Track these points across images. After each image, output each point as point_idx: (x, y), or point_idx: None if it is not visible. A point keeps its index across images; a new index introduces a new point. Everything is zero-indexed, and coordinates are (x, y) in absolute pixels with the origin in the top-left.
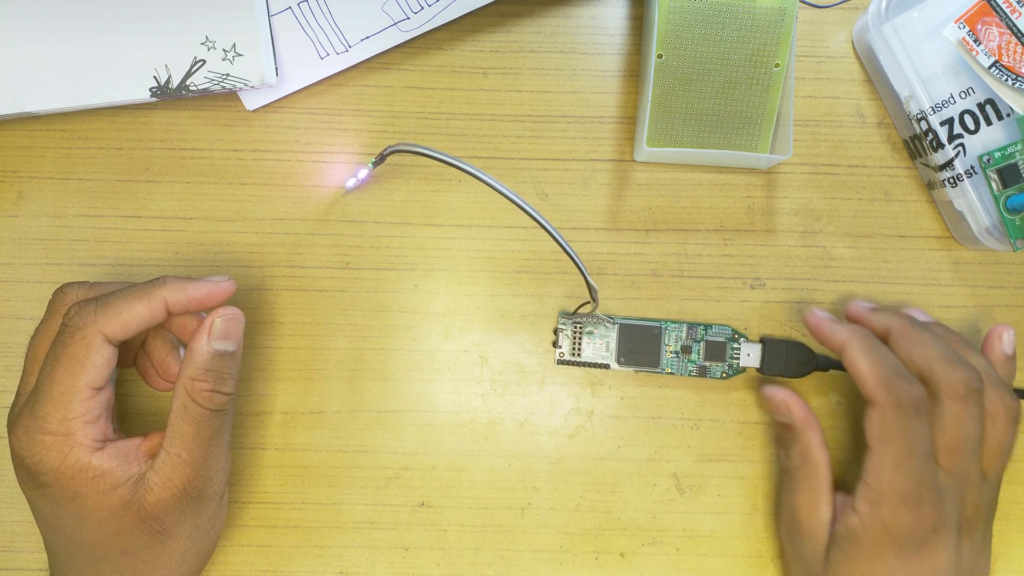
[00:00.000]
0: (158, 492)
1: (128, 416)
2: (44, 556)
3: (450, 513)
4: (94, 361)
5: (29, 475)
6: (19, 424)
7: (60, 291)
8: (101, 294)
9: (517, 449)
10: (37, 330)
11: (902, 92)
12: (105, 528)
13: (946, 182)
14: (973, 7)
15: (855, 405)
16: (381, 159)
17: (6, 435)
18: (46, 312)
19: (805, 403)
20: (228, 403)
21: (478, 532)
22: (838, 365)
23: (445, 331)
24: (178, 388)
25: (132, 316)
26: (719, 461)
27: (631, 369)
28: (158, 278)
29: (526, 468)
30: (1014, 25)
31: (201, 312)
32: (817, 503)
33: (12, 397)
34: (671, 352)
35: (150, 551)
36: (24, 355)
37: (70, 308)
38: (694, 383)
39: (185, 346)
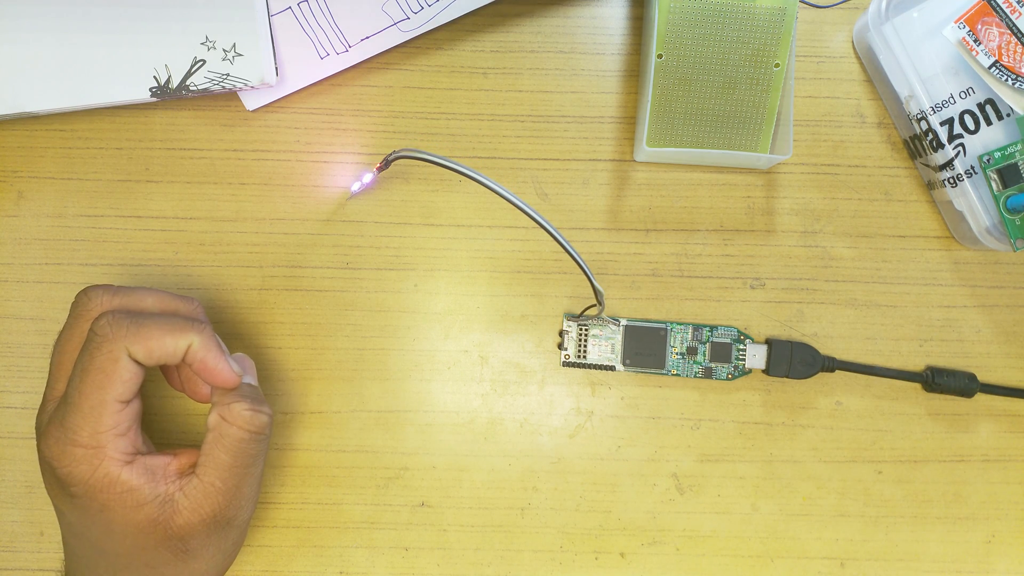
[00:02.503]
0: (187, 516)
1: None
2: (44, 556)
3: (450, 513)
4: (121, 376)
5: (59, 484)
6: (49, 434)
7: (84, 295)
8: (130, 303)
9: (517, 449)
10: (61, 334)
11: (902, 92)
12: (130, 541)
13: (946, 182)
14: (973, 7)
15: (856, 406)
16: (386, 164)
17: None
18: (70, 316)
19: None
20: (268, 426)
21: (478, 532)
22: (844, 366)
23: (445, 331)
24: (212, 419)
25: (159, 347)
26: (719, 461)
27: (637, 371)
28: (201, 323)
29: (526, 468)
30: (1014, 25)
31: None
32: None
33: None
34: (677, 354)
35: (172, 567)
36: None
37: (102, 316)
38: (694, 383)
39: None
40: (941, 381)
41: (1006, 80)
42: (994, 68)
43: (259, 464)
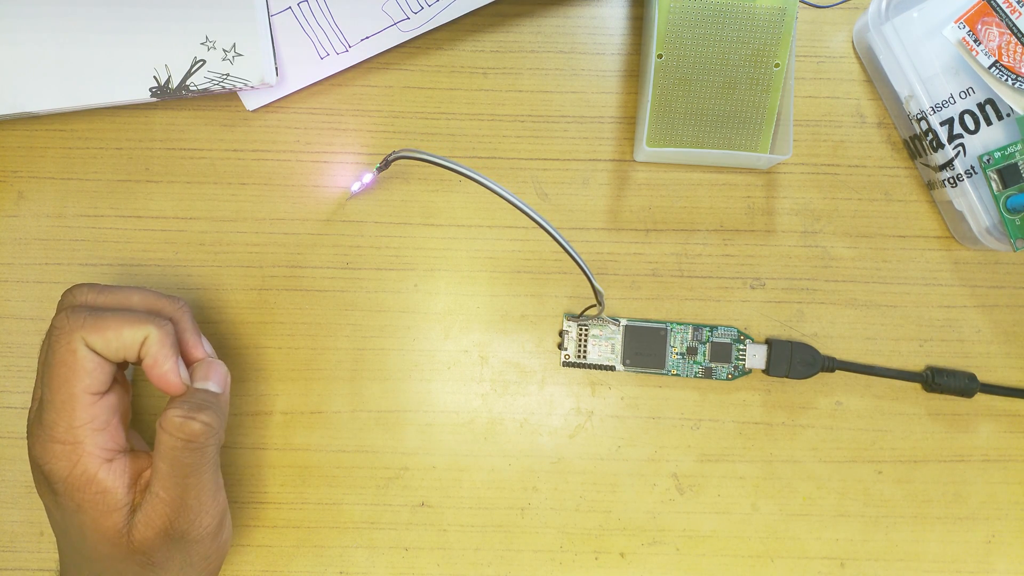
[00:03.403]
0: (142, 530)
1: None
2: (44, 556)
3: (450, 513)
4: (84, 367)
5: (45, 481)
6: (32, 432)
7: (69, 293)
8: (115, 301)
9: (517, 449)
10: (47, 333)
11: (902, 92)
12: (100, 549)
13: (946, 182)
14: (973, 7)
15: (856, 406)
16: (386, 164)
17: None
18: (56, 312)
19: None
20: (204, 435)
21: (478, 532)
22: (843, 366)
23: (445, 331)
24: (156, 425)
25: (116, 337)
26: (719, 461)
27: (637, 371)
28: (161, 319)
29: (526, 468)
30: (1014, 25)
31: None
32: None
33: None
34: (677, 354)
35: None
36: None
37: (61, 311)
38: (694, 383)
39: None
40: (941, 381)
41: (1006, 80)
42: (994, 68)
43: (201, 475)
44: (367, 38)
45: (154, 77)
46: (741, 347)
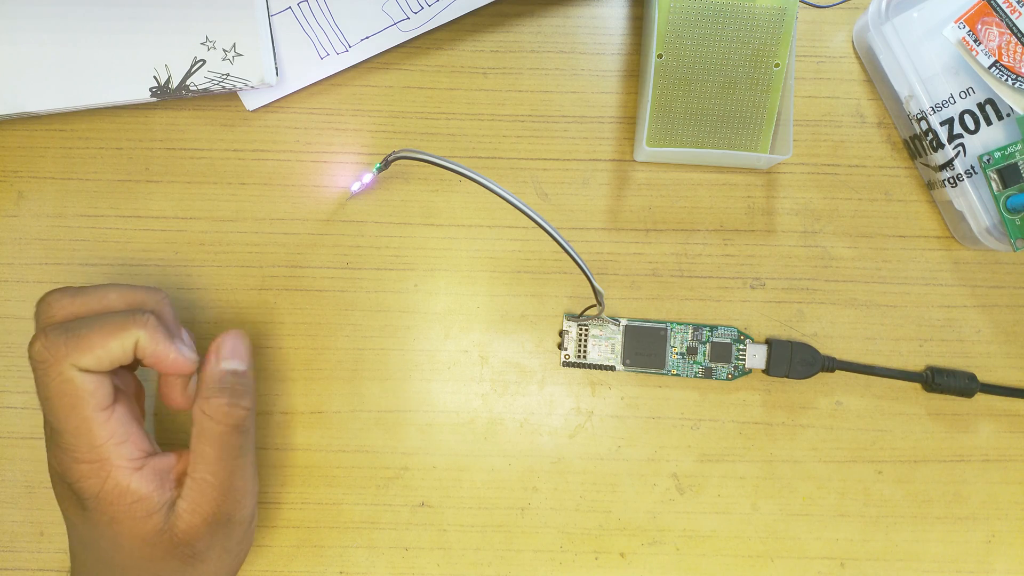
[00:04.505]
0: (188, 519)
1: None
2: (44, 556)
3: (450, 513)
4: (86, 389)
5: (74, 497)
6: (52, 453)
7: (44, 303)
8: (92, 303)
9: (517, 449)
10: (31, 361)
11: (902, 92)
12: (138, 554)
13: (946, 182)
14: (973, 7)
15: (856, 406)
16: (386, 165)
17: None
18: (36, 326)
19: None
20: (247, 419)
21: (478, 532)
22: (843, 366)
23: (445, 331)
24: (195, 412)
25: (106, 353)
26: (719, 461)
27: (637, 371)
28: (143, 315)
29: (526, 468)
30: (1014, 25)
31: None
32: None
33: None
34: (677, 354)
35: (180, 574)
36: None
37: (35, 341)
38: (694, 383)
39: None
40: (941, 381)
41: (1006, 80)
42: (994, 68)
43: (246, 456)
44: (367, 38)
45: (154, 77)
46: (741, 347)
